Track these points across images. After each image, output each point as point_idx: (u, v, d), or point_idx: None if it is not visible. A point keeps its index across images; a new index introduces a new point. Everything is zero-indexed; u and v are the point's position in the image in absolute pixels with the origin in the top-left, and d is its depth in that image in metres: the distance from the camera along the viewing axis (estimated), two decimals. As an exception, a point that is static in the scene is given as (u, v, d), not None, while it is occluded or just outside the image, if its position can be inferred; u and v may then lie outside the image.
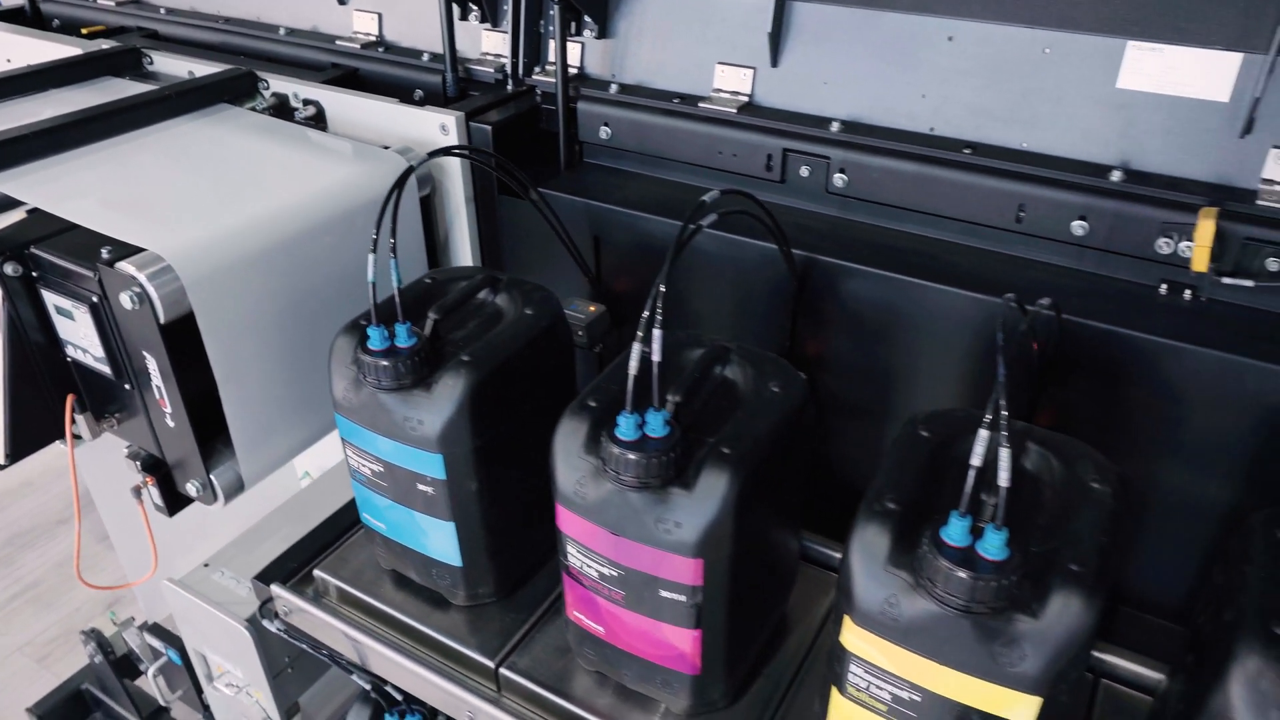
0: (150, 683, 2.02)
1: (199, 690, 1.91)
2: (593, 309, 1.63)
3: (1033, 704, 0.93)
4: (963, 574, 0.91)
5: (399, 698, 1.50)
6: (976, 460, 0.91)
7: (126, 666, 2.23)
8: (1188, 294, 1.31)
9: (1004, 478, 0.89)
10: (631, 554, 1.12)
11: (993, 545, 0.91)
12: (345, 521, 1.60)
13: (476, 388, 1.23)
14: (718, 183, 1.63)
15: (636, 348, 1.06)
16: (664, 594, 1.13)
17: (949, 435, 1.08)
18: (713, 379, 1.21)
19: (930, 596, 0.93)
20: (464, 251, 1.79)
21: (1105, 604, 0.94)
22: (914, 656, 0.97)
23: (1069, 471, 1.04)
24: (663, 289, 1.06)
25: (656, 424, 1.08)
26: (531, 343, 1.31)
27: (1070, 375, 1.31)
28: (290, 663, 1.73)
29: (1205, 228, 1.20)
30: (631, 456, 1.06)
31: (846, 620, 1.01)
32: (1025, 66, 1.38)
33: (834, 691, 1.09)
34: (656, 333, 1.05)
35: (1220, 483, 1.25)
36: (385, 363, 1.23)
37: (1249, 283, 1.26)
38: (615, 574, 1.15)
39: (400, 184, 1.26)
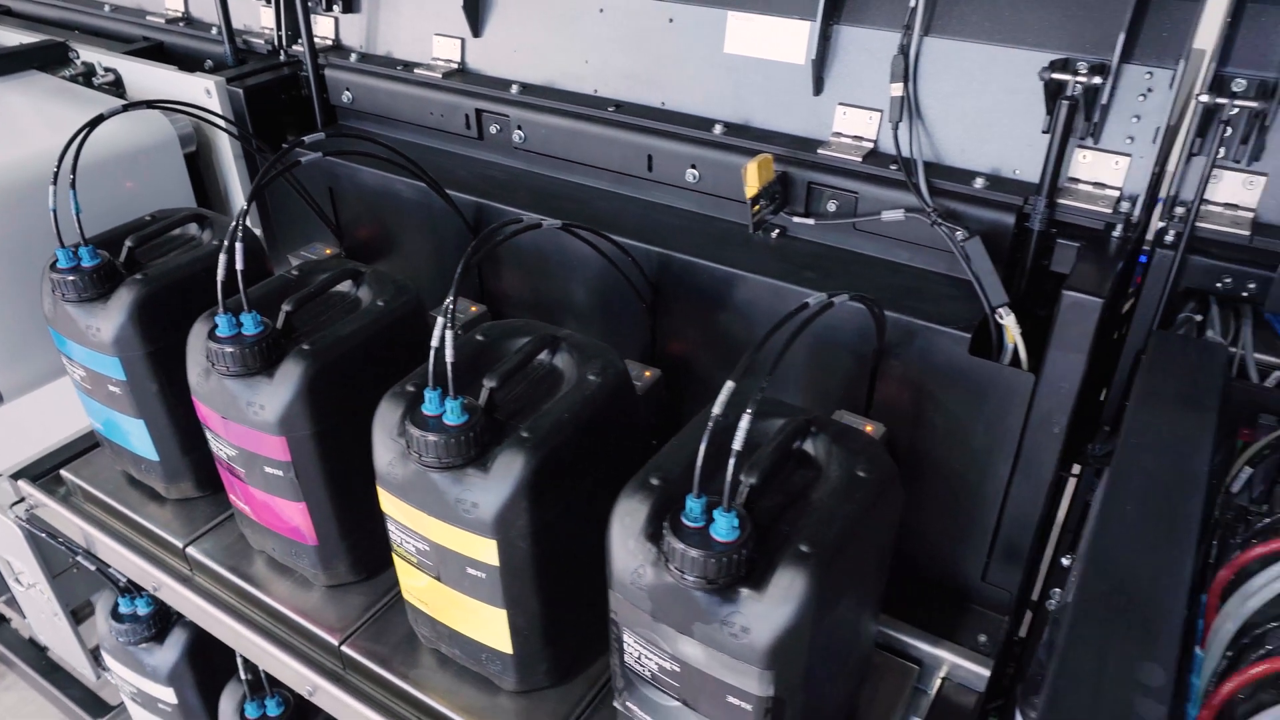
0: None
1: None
2: (329, 252, 1.84)
3: (491, 546, 1.13)
4: (435, 438, 1.10)
5: (122, 581, 1.72)
6: (435, 341, 1.10)
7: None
8: (775, 233, 1.49)
9: (449, 353, 1.09)
10: (239, 435, 1.33)
11: (452, 412, 1.10)
12: (106, 433, 1.83)
13: (142, 301, 1.44)
14: (435, 140, 1.84)
15: (223, 258, 1.27)
16: (268, 470, 1.34)
17: (498, 338, 1.28)
18: (332, 296, 1.42)
19: (413, 457, 1.13)
20: (239, 204, 2.00)
21: (556, 467, 1.13)
22: (413, 510, 1.17)
23: (579, 368, 1.24)
24: (247, 206, 1.26)
25: (249, 324, 1.29)
26: (208, 270, 1.52)
27: (674, 306, 1.50)
28: (75, 563, 1.96)
29: (750, 170, 1.38)
30: (228, 350, 1.27)
31: (378, 488, 1.21)
32: (657, 34, 1.57)
33: (393, 555, 1.29)
34: (239, 246, 1.26)
35: (782, 391, 1.43)
36: (71, 278, 1.45)
37: (811, 221, 1.44)
38: (234, 453, 1.36)
39: (89, 126, 1.48)
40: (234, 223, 1.26)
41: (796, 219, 1.45)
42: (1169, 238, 1.24)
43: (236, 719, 1.63)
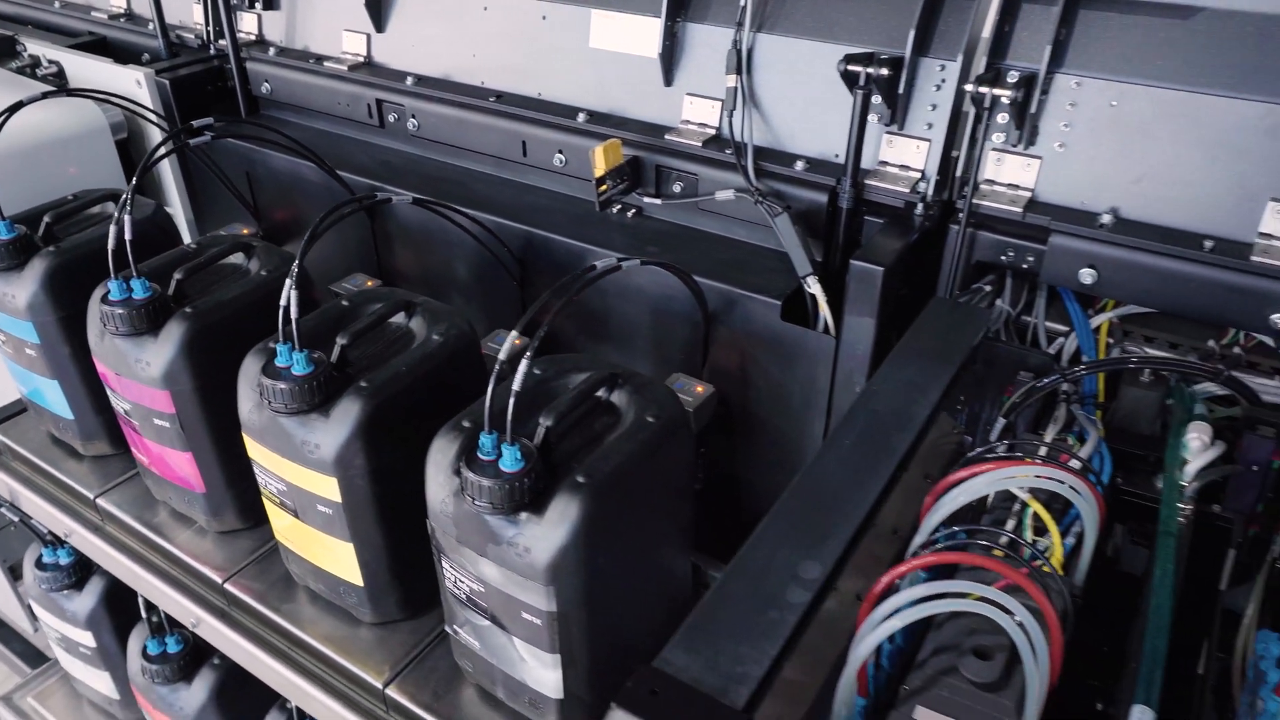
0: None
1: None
2: (245, 231, 1.98)
3: (333, 484, 1.26)
4: (283, 385, 1.24)
5: (45, 532, 1.87)
6: (283, 300, 1.24)
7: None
8: (631, 212, 1.63)
9: (294, 310, 1.22)
10: (131, 390, 1.47)
11: (298, 364, 1.24)
12: (38, 398, 1.97)
13: (53, 270, 1.58)
14: (342, 128, 1.98)
15: (113, 229, 1.41)
16: (157, 422, 1.48)
17: (361, 303, 1.42)
18: (224, 267, 1.56)
19: (266, 404, 1.27)
20: (171, 189, 2.15)
21: (391, 414, 1.26)
22: (270, 453, 1.31)
23: (428, 329, 1.37)
24: (134, 181, 1.40)
25: (139, 289, 1.43)
26: (119, 244, 1.67)
27: (539, 279, 1.64)
28: (10, 522, 2.10)
29: (597, 154, 1.52)
30: (118, 311, 1.41)
31: (243, 434, 1.35)
32: (533, 30, 1.70)
33: (262, 497, 1.43)
34: (127, 219, 1.40)
35: (630, 358, 1.57)
36: (-7, 250, 1.60)
37: (659, 201, 1.58)
38: (129, 408, 1.51)
39: (8, 112, 1.62)
40: (124, 196, 1.41)
41: (647, 199, 1.59)
42: (962, 215, 1.37)
43: (140, 657, 1.77)
